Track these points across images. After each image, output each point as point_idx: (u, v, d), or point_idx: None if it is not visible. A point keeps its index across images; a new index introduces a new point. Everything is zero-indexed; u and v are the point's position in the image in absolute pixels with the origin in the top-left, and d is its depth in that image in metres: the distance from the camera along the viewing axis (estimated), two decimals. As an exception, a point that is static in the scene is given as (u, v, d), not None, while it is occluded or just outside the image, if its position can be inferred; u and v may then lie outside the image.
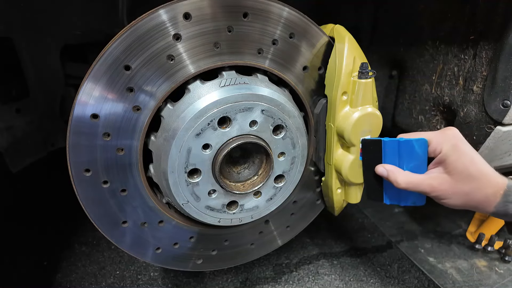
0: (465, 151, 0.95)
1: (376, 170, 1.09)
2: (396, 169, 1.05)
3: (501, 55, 1.12)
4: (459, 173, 0.94)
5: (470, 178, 0.93)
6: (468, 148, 0.96)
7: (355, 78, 1.14)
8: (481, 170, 0.93)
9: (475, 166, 0.93)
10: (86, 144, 0.97)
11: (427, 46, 1.41)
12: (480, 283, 1.78)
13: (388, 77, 1.68)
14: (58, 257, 1.82)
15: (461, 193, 0.95)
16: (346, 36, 1.15)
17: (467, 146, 0.97)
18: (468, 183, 0.93)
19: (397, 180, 1.02)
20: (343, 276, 1.78)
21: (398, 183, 1.02)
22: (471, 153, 0.95)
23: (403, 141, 1.03)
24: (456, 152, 0.95)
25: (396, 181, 1.02)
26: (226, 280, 1.73)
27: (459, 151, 0.95)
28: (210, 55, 1.02)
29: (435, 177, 0.98)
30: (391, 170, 1.05)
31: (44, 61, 1.42)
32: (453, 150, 0.95)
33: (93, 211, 1.07)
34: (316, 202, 1.50)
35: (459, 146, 0.95)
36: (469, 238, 2.09)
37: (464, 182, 0.94)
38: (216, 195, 1.13)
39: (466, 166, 0.93)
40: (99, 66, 0.92)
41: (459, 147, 0.95)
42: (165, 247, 1.25)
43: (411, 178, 1.01)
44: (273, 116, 1.09)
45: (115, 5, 1.39)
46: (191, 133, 0.99)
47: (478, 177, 0.92)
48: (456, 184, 0.94)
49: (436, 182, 0.98)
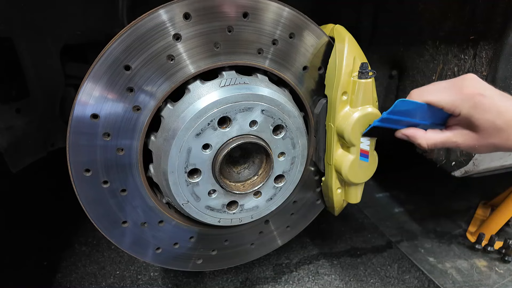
0: (489, 106, 0.86)
1: (396, 135, 1.04)
2: (415, 132, 0.99)
3: (501, 55, 1.12)
4: (486, 129, 0.88)
5: (498, 131, 0.87)
6: (490, 100, 0.86)
7: (355, 78, 1.14)
8: (509, 120, 0.85)
9: (502, 119, 0.85)
10: (86, 144, 0.97)
11: (427, 46, 1.41)
12: (480, 283, 1.78)
13: (388, 77, 1.67)
14: (58, 257, 1.82)
15: (490, 145, 0.90)
16: (346, 36, 1.15)
17: (489, 98, 0.86)
18: (496, 137, 0.88)
19: (419, 143, 0.98)
20: (343, 276, 1.78)
21: (421, 145, 0.98)
22: (496, 105, 0.86)
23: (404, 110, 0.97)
24: (479, 111, 0.87)
25: (418, 144, 0.98)
26: (226, 280, 1.73)
27: (481, 109, 0.86)
28: (210, 55, 1.02)
29: (459, 134, 0.93)
30: (411, 135, 1.00)
31: (44, 61, 1.41)
32: (474, 109, 0.87)
33: (93, 211, 1.07)
34: (316, 202, 1.50)
35: (481, 103, 0.86)
36: (469, 238, 2.09)
37: (491, 136, 0.88)
38: (216, 195, 1.13)
39: (492, 121, 0.86)
40: (99, 66, 0.92)
41: (481, 104, 0.86)
42: (165, 247, 1.25)
43: (433, 139, 0.96)
44: (273, 116, 1.09)
45: (115, 5, 1.39)
46: (191, 133, 0.99)
47: (506, 128, 0.86)
48: (483, 139, 0.90)
49: (461, 139, 0.93)
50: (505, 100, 0.87)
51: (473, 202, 2.41)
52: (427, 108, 0.94)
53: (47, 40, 1.39)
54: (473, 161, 1.33)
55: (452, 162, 1.40)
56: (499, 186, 2.24)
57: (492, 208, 2.26)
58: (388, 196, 2.54)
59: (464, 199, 2.47)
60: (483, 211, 2.29)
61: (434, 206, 2.41)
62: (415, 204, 2.42)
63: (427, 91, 0.95)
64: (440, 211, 2.35)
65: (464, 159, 1.35)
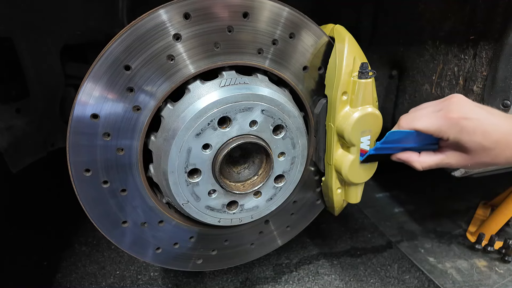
0: (474, 129, 0.88)
1: (392, 159, 1.09)
2: (409, 156, 1.03)
3: (501, 55, 1.12)
4: (475, 151, 0.91)
5: (486, 151, 0.89)
6: (476, 122, 0.88)
7: (355, 78, 1.14)
8: (496, 140, 0.88)
9: (489, 139, 0.88)
10: (86, 144, 0.97)
11: (427, 46, 1.41)
12: (480, 283, 1.78)
13: (388, 77, 1.67)
14: (58, 257, 1.82)
15: (481, 164, 0.94)
16: (346, 36, 1.15)
17: (475, 121, 0.89)
18: (485, 156, 0.91)
19: (414, 166, 1.03)
20: (343, 276, 1.78)
21: (416, 168, 1.02)
22: (482, 126, 0.88)
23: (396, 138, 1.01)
24: (465, 135, 0.89)
25: (413, 167, 1.03)
26: (226, 280, 1.73)
27: (467, 132, 0.89)
28: (210, 55, 1.02)
29: (451, 156, 0.97)
30: (406, 159, 1.04)
31: (44, 61, 1.41)
32: (461, 134, 0.90)
33: (93, 211, 1.07)
34: (316, 202, 1.50)
35: (466, 127, 0.89)
36: (469, 238, 2.09)
37: (481, 156, 0.91)
38: (216, 195, 1.13)
39: (479, 143, 0.89)
40: (99, 66, 0.92)
41: (467, 128, 0.89)
42: (165, 247, 1.25)
43: (427, 162, 1.01)
44: (273, 116, 1.09)
45: (115, 5, 1.39)
46: (191, 133, 0.99)
47: (494, 147, 0.89)
48: (473, 159, 0.93)
49: (453, 160, 0.97)
50: (491, 118, 0.90)
51: (473, 202, 2.41)
52: (417, 134, 0.98)
53: (47, 40, 1.39)
54: (473, 161, 1.33)
55: (452, 162, 1.40)
56: (499, 186, 2.24)
57: (492, 208, 2.26)
58: (388, 196, 2.54)
59: (464, 199, 2.47)
60: (483, 211, 2.29)
61: (434, 206, 2.41)
62: (415, 204, 2.42)
63: (415, 118, 0.98)
64: (440, 211, 2.35)
65: (464, 159, 1.35)
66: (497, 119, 0.90)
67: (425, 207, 2.40)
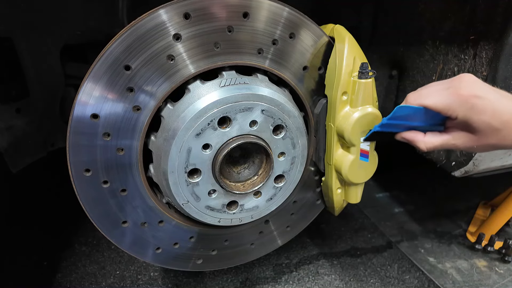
0: (484, 108, 0.86)
1: (396, 138, 1.06)
2: (415, 136, 1.00)
3: (501, 55, 1.12)
4: (483, 131, 0.88)
5: (494, 131, 0.87)
6: (486, 101, 0.86)
7: (355, 78, 1.14)
8: (506, 121, 0.86)
9: (498, 119, 0.86)
10: (86, 144, 0.98)
11: (427, 46, 1.41)
12: (480, 283, 1.78)
13: (388, 77, 1.67)
14: (58, 257, 1.82)
15: (488, 145, 0.91)
16: (346, 36, 1.15)
17: (485, 99, 0.86)
18: (493, 137, 0.88)
19: (418, 146, 0.99)
20: (343, 276, 1.78)
21: (420, 148, 0.99)
22: (492, 105, 0.86)
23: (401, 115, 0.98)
24: (475, 113, 0.87)
25: (418, 147, 1.00)
26: (226, 280, 1.73)
27: (477, 111, 0.86)
28: (210, 55, 1.02)
29: (457, 137, 0.94)
30: (410, 138, 1.01)
31: (44, 61, 1.41)
32: (471, 112, 0.87)
33: (93, 211, 1.07)
34: (316, 202, 1.50)
35: (477, 105, 0.86)
36: (469, 238, 2.09)
37: (489, 137, 0.89)
38: (216, 195, 1.13)
39: (488, 122, 0.86)
40: (99, 66, 0.92)
41: (477, 106, 0.86)
42: (165, 247, 1.25)
43: (432, 143, 0.97)
44: (273, 116, 1.09)
45: (115, 5, 1.39)
46: (191, 133, 0.99)
47: (502, 128, 0.86)
48: (480, 140, 0.90)
49: (459, 141, 0.94)
50: (502, 99, 0.87)
51: (473, 202, 2.41)
52: (425, 111, 0.94)
53: (47, 40, 1.39)
54: (473, 161, 1.33)
55: (452, 162, 1.40)
56: (499, 186, 2.24)
57: (492, 208, 2.26)
58: (388, 196, 2.54)
59: (464, 199, 2.46)
60: (483, 211, 2.29)
61: (434, 206, 2.41)
62: (415, 204, 2.42)
63: (423, 95, 0.95)
64: (440, 211, 2.35)
65: (464, 159, 1.35)
66: (508, 101, 0.87)
67: (425, 207, 2.40)
